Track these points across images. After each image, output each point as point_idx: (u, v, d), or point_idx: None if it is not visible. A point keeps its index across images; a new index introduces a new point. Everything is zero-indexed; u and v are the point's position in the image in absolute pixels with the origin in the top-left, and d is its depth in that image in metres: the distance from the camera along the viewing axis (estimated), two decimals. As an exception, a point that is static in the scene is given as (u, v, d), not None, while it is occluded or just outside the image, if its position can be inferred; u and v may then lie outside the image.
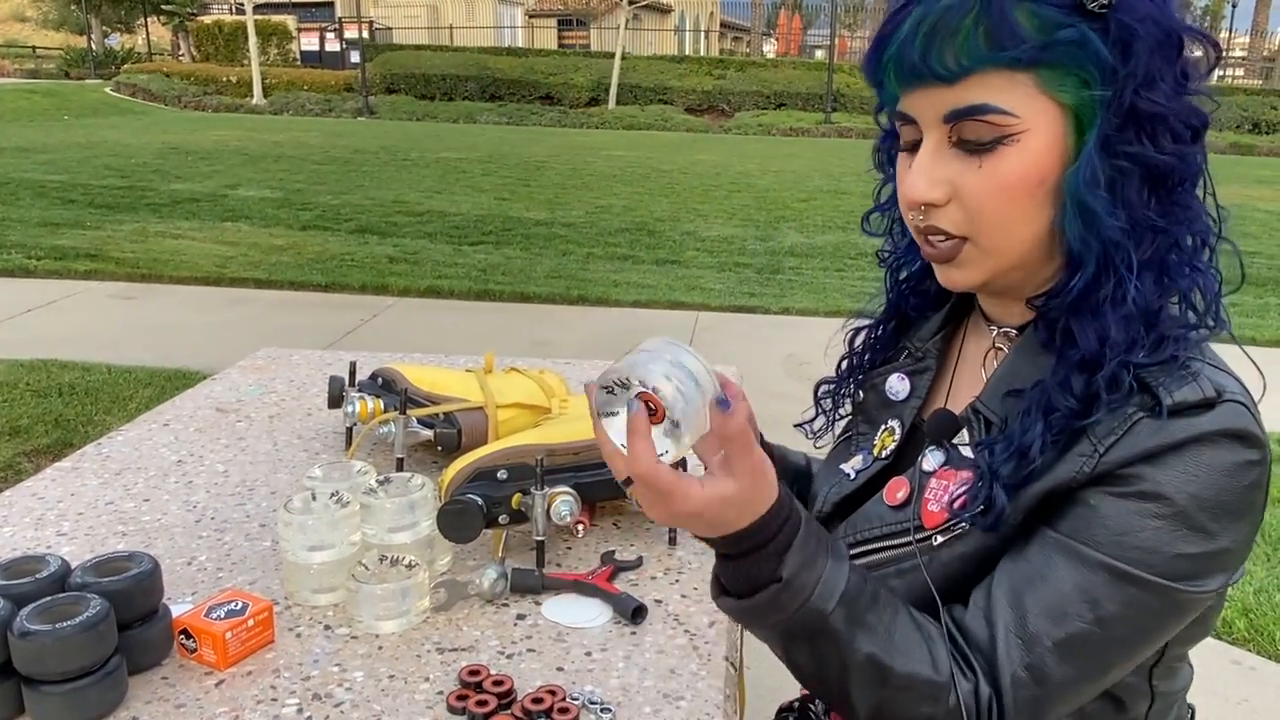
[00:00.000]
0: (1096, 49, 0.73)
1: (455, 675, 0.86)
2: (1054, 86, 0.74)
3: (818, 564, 0.77)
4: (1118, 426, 0.75)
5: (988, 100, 0.75)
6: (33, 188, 9.52)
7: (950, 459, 0.86)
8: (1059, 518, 0.78)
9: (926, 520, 0.85)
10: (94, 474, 1.27)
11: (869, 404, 1.00)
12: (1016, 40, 0.72)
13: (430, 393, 1.32)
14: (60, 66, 30.16)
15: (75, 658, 0.78)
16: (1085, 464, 0.76)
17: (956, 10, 0.74)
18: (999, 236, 0.80)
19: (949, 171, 0.79)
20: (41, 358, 4.56)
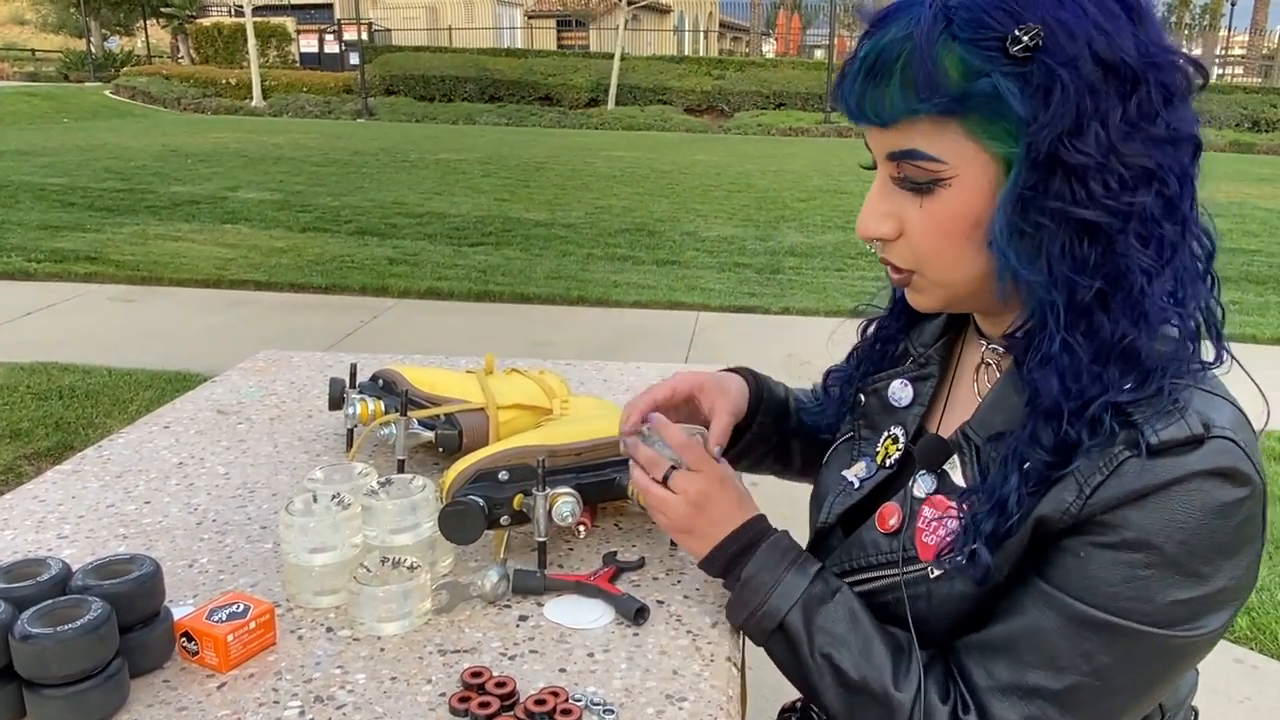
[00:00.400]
0: (1010, 103, 0.71)
1: (457, 677, 0.86)
2: (981, 135, 0.74)
3: (778, 570, 0.89)
4: (1104, 465, 0.73)
5: (917, 146, 0.76)
6: (32, 191, 9.52)
7: (942, 486, 0.86)
8: (1049, 566, 0.78)
9: (921, 552, 0.86)
10: (95, 476, 1.27)
11: (870, 408, 1.00)
12: (935, 90, 0.72)
13: (431, 394, 1.32)
14: (59, 69, 30.18)
15: (77, 661, 0.77)
16: (1072, 504, 0.75)
17: (890, 52, 0.74)
18: (943, 272, 0.81)
19: (896, 207, 0.81)
20: (42, 360, 4.56)
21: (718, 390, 1.09)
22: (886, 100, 0.75)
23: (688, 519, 0.94)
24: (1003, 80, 0.71)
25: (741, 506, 0.95)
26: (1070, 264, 0.73)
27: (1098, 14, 0.71)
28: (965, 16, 0.72)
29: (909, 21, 0.74)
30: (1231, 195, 11.57)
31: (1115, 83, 0.70)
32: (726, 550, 0.93)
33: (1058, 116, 0.70)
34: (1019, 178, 0.73)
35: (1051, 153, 0.71)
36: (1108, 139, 0.70)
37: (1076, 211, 0.72)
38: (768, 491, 1.18)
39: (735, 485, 0.97)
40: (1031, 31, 0.70)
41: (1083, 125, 0.70)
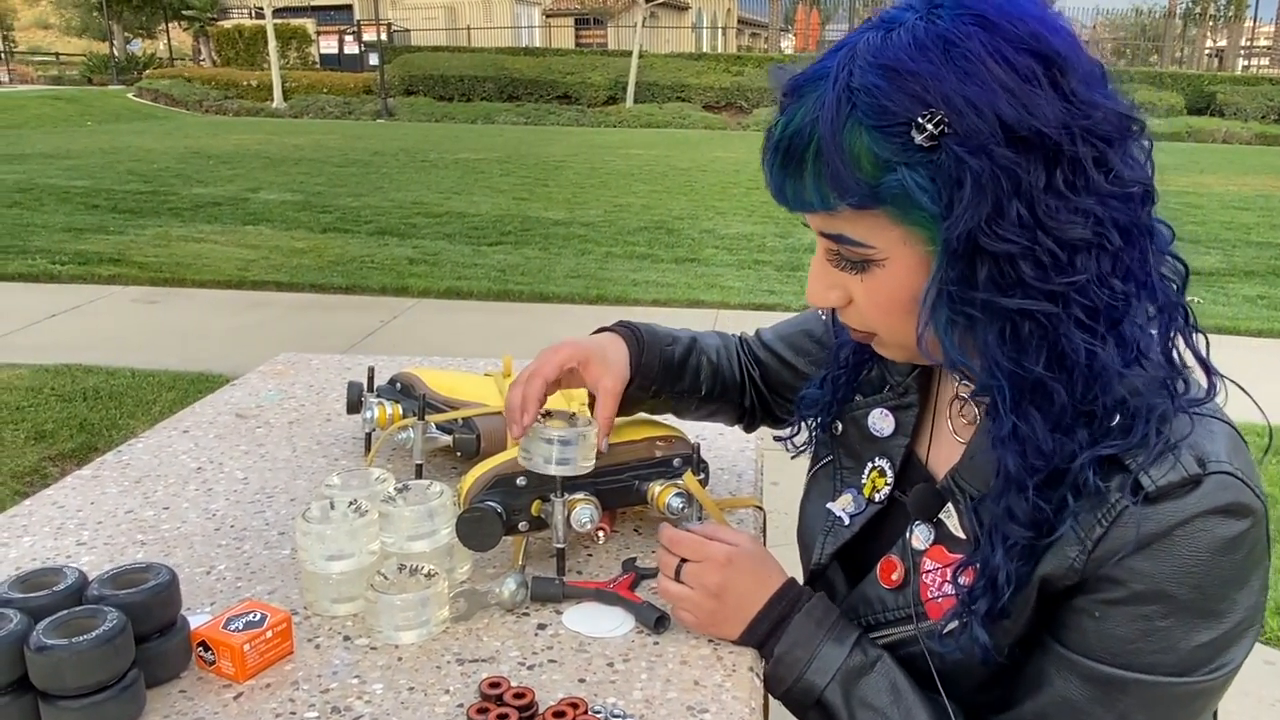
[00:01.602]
0: (918, 198, 0.67)
1: (475, 687, 0.85)
2: (903, 220, 0.70)
3: (813, 643, 0.86)
4: (1103, 517, 0.71)
5: (843, 232, 0.74)
6: (57, 193, 9.62)
7: (941, 536, 0.84)
8: (1065, 629, 0.76)
9: (930, 611, 0.84)
10: (114, 482, 1.26)
11: (850, 437, 0.97)
12: (846, 188, 0.69)
13: (449, 398, 1.31)
14: (83, 72, 30.49)
15: (92, 672, 0.77)
16: (1076, 559, 0.73)
17: (800, 138, 0.71)
18: (897, 337, 0.79)
19: (839, 279, 0.79)
20: (66, 362, 4.60)
21: (601, 364, 1.05)
22: (804, 191, 0.72)
23: (710, 612, 0.91)
24: (910, 174, 0.67)
25: (764, 581, 0.91)
26: (1010, 350, 0.69)
27: (1008, 78, 0.65)
28: (867, 101, 0.67)
29: (816, 102, 0.69)
30: (1258, 188, 11.43)
31: (1035, 156, 0.65)
32: (758, 631, 0.89)
33: (972, 206, 0.65)
34: (940, 272, 0.69)
35: (972, 243, 0.66)
36: (1033, 218, 0.65)
37: (1007, 302, 0.67)
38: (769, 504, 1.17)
39: (752, 560, 0.92)
40: (935, 118, 0.65)
41: (1002, 209, 0.65)
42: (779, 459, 1.16)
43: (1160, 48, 33.74)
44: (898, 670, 0.85)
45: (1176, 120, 19.43)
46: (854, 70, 0.68)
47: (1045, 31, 0.67)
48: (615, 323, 1.14)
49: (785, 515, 1.42)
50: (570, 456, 1.00)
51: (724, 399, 1.18)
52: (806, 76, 0.72)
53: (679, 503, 1.07)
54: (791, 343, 1.16)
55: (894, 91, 0.66)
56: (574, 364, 1.05)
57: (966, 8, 0.67)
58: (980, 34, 0.66)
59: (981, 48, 0.65)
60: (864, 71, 0.68)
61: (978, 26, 0.66)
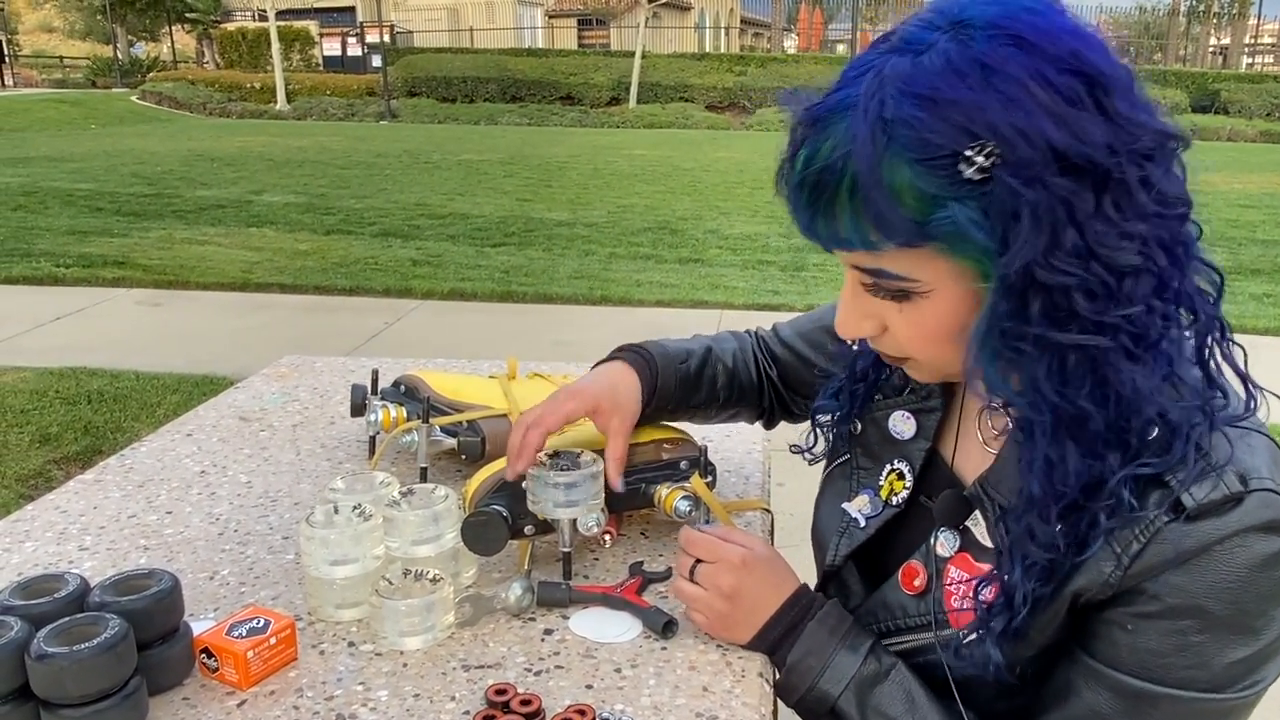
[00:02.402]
0: (972, 235, 0.64)
1: (482, 694, 0.84)
2: (952, 254, 0.67)
3: (826, 651, 0.85)
4: (1140, 533, 0.69)
5: (883, 267, 0.70)
6: (61, 196, 9.63)
7: (966, 544, 0.82)
8: (1095, 640, 0.74)
9: (953, 620, 0.82)
10: (117, 486, 1.26)
11: (869, 438, 0.95)
12: (892, 228, 0.65)
13: (453, 400, 1.30)
14: (87, 76, 30.57)
15: (94, 680, 0.76)
16: (1111, 574, 0.71)
17: (832, 173, 0.66)
18: (936, 363, 0.78)
19: (872, 308, 0.76)
20: (70, 365, 4.60)
21: (611, 407, 1.04)
22: (841, 229, 0.68)
23: (722, 615, 0.90)
24: (961, 209, 0.63)
25: (777, 586, 0.90)
26: (1057, 383, 0.67)
27: (1054, 103, 0.62)
28: (907, 134, 0.63)
29: (846, 134, 0.65)
30: (1263, 186, 11.39)
31: (1086, 180, 0.62)
32: (769, 637, 0.88)
33: (1030, 239, 0.62)
34: (995, 308, 0.66)
35: (1028, 276, 0.64)
36: (1086, 246, 0.63)
37: (1060, 336, 0.65)
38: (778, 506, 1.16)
39: (766, 564, 0.92)
40: (985, 149, 0.62)
41: (1058, 240, 0.63)
42: (786, 460, 1.15)
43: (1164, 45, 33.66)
44: (912, 678, 0.84)
45: (1181, 118, 19.09)
46: (885, 99, 0.64)
47: (1083, 48, 0.64)
48: (625, 348, 1.11)
49: (792, 517, 1.41)
50: (578, 499, 0.99)
51: (742, 402, 1.17)
52: (828, 106, 0.68)
53: (686, 506, 1.06)
54: (810, 340, 1.14)
55: (935, 122, 0.62)
56: (582, 415, 1.04)
57: (999, 27, 0.64)
58: (1019, 55, 0.63)
59: (1022, 70, 0.62)
60: (898, 101, 0.64)
61: (1014, 48, 0.63)
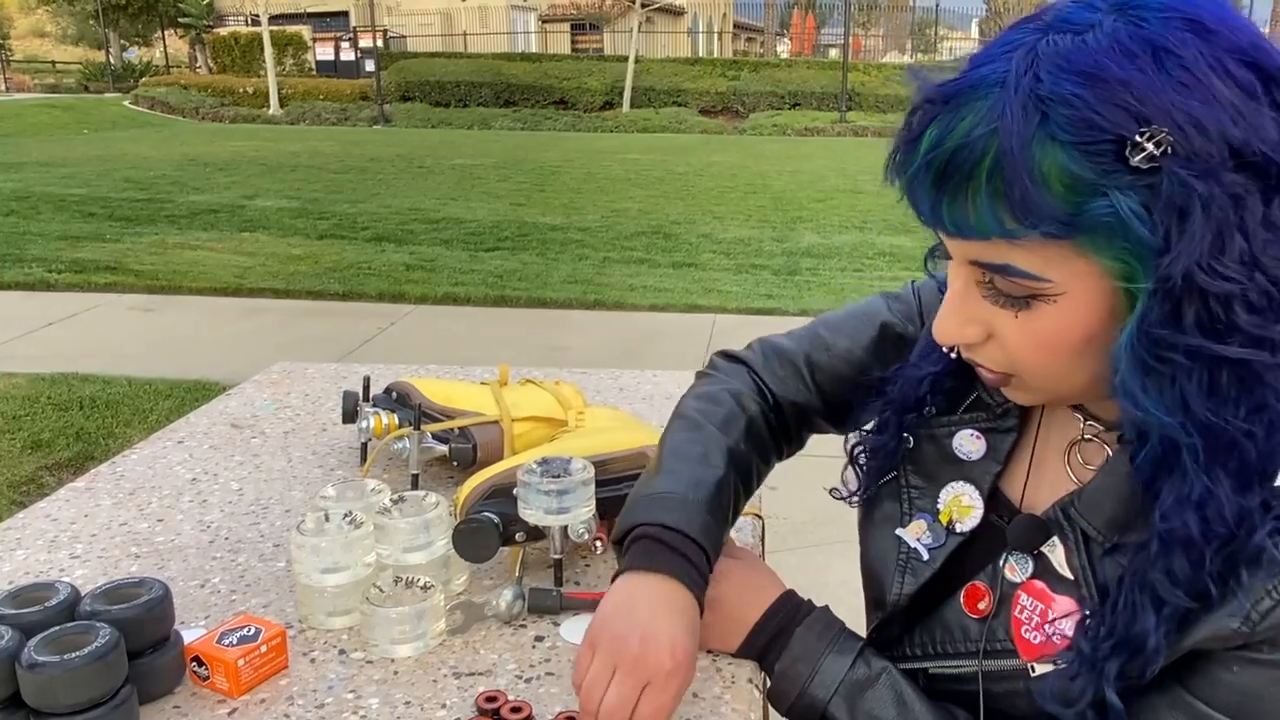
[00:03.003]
0: (1135, 230, 0.58)
1: (472, 701, 0.84)
2: (1096, 252, 0.61)
3: (814, 657, 0.83)
4: (1274, 589, 0.64)
5: (1012, 262, 0.63)
6: (53, 201, 9.61)
7: (1040, 571, 0.77)
8: (1194, 675, 0.69)
9: (1022, 650, 0.76)
10: (108, 494, 1.26)
11: (924, 455, 0.86)
12: (1038, 214, 0.59)
13: (445, 407, 1.30)
14: (79, 80, 30.52)
15: (84, 689, 0.76)
16: (1239, 629, 0.65)
17: (969, 152, 0.60)
18: (1046, 380, 0.70)
19: (982, 312, 0.69)
20: (62, 371, 4.59)
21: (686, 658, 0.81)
22: (972, 214, 0.62)
23: (706, 625, 0.86)
24: (1124, 199, 0.57)
25: (759, 591, 0.89)
26: (1212, 404, 0.61)
27: (1232, 96, 0.57)
28: (1066, 114, 0.58)
29: (990, 112, 0.60)
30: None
31: (1258, 183, 0.58)
32: (756, 643, 0.87)
33: (1198, 239, 0.57)
34: (1148, 314, 0.60)
35: (1188, 280, 0.58)
36: (1252, 252, 0.58)
37: (1217, 348, 0.59)
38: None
39: (746, 571, 0.90)
40: (1156, 136, 0.56)
41: (1224, 243, 0.57)
42: (778, 464, 1.15)
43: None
44: (903, 681, 0.82)
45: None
46: (1041, 75, 0.59)
47: (1260, 41, 0.60)
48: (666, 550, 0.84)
49: (785, 520, 1.41)
50: (569, 506, 0.99)
51: (770, 465, 1.03)
52: (968, 82, 0.62)
53: (677, 512, 1.06)
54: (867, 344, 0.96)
55: (1100, 103, 0.57)
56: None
57: (1176, 10, 0.59)
58: (1196, 41, 0.58)
59: (1200, 58, 0.58)
60: (1056, 78, 0.58)
61: (1192, 33, 0.58)
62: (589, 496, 1.01)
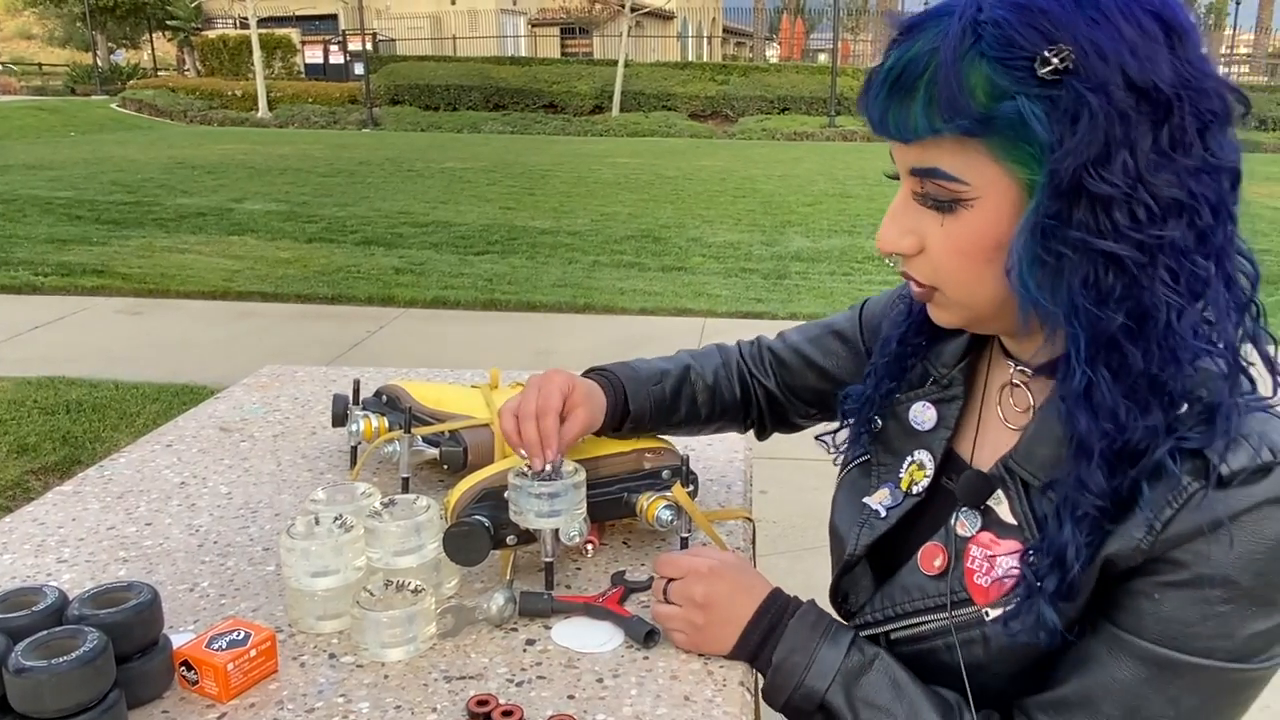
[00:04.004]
0: (1034, 128, 0.68)
1: (463, 705, 0.84)
2: (1005, 157, 0.71)
3: (809, 648, 0.86)
4: (1172, 499, 0.71)
5: (939, 165, 0.74)
6: (39, 204, 9.56)
7: (989, 523, 0.83)
8: (1120, 610, 0.75)
9: (975, 595, 0.82)
10: (95, 498, 1.25)
11: (890, 432, 0.96)
12: (958, 111, 0.70)
13: (435, 410, 1.30)
14: (66, 83, 30.37)
15: (72, 694, 0.75)
16: (1143, 540, 0.72)
17: (915, 66, 0.72)
18: (963, 292, 0.79)
19: (917, 223, 0.79)
20: (49, 375, 4.56)
21: (583, 397, 1.06)
22: (910, 117, 0.73)
23: (699, 627, 0.90)
24: (1028, 103, 0.68)
25: (749, 590, 0.91)
26: (1092, 296, 0.70)
27: (1134, 35, 0.67)
28: (995, 34, 0.68)
29: (937, 34, 0.71)
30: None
31: (1147, 109, 0.67)
32: (750, 641, 0.89)
33: (1084, 143, 0.67)
34: (1040, 205, 0.69)
35: (1076, 181, 0.67)
36: (1136, 168, 0.67)
37: (1099, 243, 0.68)
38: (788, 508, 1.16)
39: (736, 571, 0.93)
40: (1062, 53, 0.67)
41: (1110, 153, 0.67)
42: (769, 468, 1.16)
43: (1141, 56, 33.85)
44: (897, 666, 0.84)
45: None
46: (982, 6, 0.70)
47: (1172, 2, 0.70)
48: (593, 370, 1.14)
49: (775, 524, 1.41)
50: (560, 509, 0.99)
51: (725, 417, 1.19)
52: (927, 14, 0.73)
53: (668, 515, 1.07)
54: (820, 345, 1.15)
55: (1023, 26, 0.68)
56: (569, 390, 1.06)
57: None
58: None
59: (1114, 3, 0.68)
60: (993, 6, 0.69)
61: None
62: (580, 500, 1.01)
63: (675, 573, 0.93)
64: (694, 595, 0.90)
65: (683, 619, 0.91)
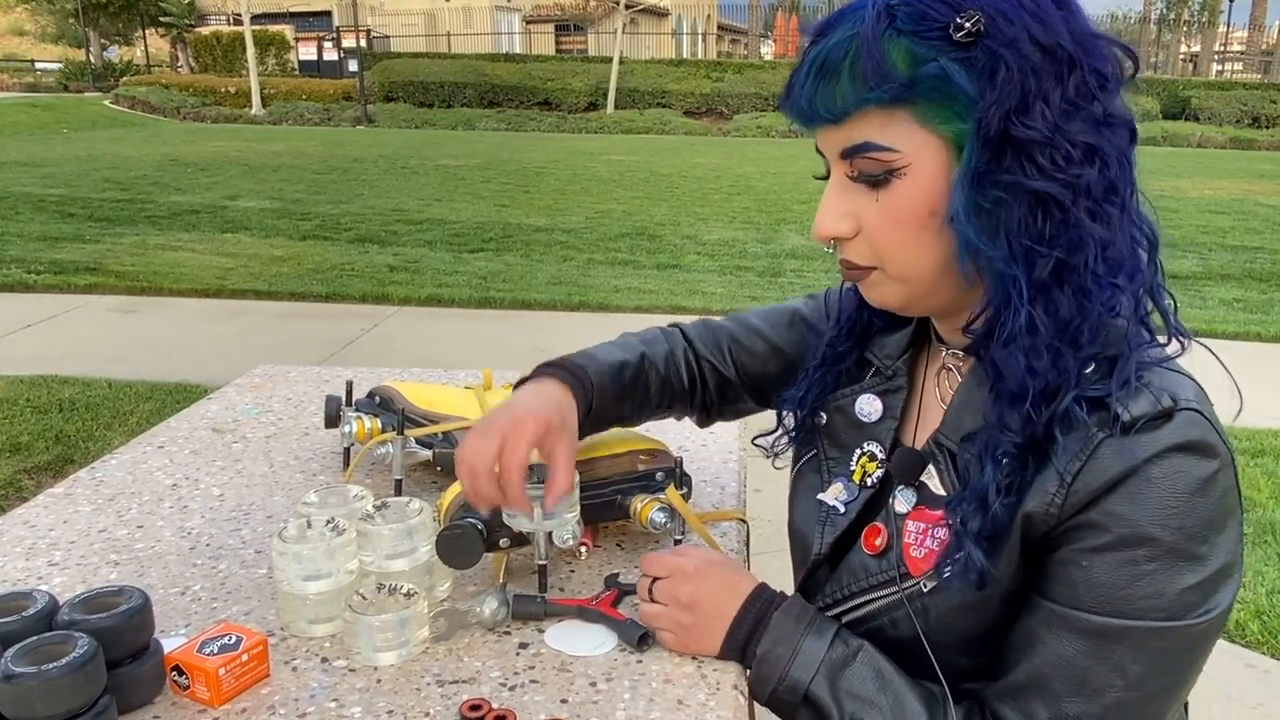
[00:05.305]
0: (958, 81, 0.73)
1: (456, 710, 0.83)
2: (931, 120, 0.75)
3: (793, 640, 0.87)
4: (1080, 451, 0.74)
5: (869, 138, 0.77)
6: (32, 202, 9.52)
7: (923, 498, 0.86)
8: (1052, 583, 0.78)
9: (912, 567, 0.84)
10: (87, 500, 1.24)
11: (836, 426, 0.97)
12: (884, 79, 0.74)
13: (429, 411, 1.30)
14: (59, 80, 30.25)
15: (62, 700, 0.75)
16: (1056, 494, 0.75)
17: (838, 50, 0.76)
18: (903, 266, 0.81)
19: (852, 205, 0.81)
20: (41, 373, 4.54)
21: (561, 428, 0.95)
22: (837, 95, 0.77)
23: (686, 626, 0.90)
24: (949, 64, 0.73)
25: (735, 587, 0.92)
26: (1029, 236, 0.74)
27: (1031, 3, 0.74)
28: (907, 11, 0.74)
29: (853, 22, 0.76)
30: (1233, 192, 11.55)
31: (1053, 65, 0.73)
32: (737, 637, 0.89)
33: (1005, 94, 0.72)
34: (973, 154, 0.74)
35: (1002, 129, 0.72)
36: (1052, 116, 0.72)
37: (1030, 184, 0.73)
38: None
39: (721, 568, 0.94)
40: (973, 18, 0.72)
41: (1028, 103, 0.72)
42: (762, 466, 1.15)
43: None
44: (880, 657, 0.85)
45: (1152, 125, 19.61)
46: None
47: None
48: (552, 364, 1.03)
49: (769, 522, 1.41)
50: (554, 511, 0.98)
51: (674, 405, 1.14)
52: (840, 13, 0.78)
53: (662, 517, 1.06)
54: (784, 331, 1.13)
55: (933, 1, 0.74)
56: (541, 434, 0.94)
57: None
58: None
59: None
60: None
61: None
62: (574, 502, 1.01)
63: (661, 572, 0.94)
64: (679, 595, 0.91)
65: (669, 619, 0.91)
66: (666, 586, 0.92)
